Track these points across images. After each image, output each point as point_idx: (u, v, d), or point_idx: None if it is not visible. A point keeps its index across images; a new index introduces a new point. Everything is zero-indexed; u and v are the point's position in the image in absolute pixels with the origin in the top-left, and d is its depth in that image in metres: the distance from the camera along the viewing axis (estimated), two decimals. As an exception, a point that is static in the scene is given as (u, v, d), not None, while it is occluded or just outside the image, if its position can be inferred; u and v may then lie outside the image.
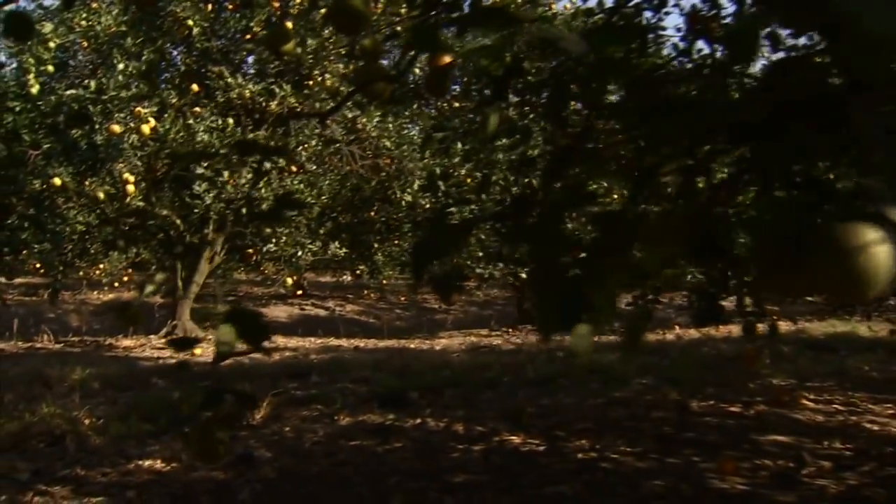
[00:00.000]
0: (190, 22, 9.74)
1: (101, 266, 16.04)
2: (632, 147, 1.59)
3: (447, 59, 2.09)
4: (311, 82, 10.25)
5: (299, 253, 11.67)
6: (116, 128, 8.90)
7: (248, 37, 10.09)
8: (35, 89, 9.56)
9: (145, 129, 8.89)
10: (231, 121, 9.49)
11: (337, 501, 4.17)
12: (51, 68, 9.84)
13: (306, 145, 10.67)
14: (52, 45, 9.77)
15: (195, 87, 9.81)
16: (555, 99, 1.96)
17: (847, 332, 11.04)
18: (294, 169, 10.77)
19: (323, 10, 9.06)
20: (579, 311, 1.38)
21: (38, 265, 12.29)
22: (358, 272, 15.22)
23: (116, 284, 18.72)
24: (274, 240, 11.83)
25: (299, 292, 18.45)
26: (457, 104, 10.59)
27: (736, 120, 1.29)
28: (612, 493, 4.26)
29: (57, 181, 9.16)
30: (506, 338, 12.92)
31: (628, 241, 1.54)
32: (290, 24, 8.39)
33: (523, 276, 13.70)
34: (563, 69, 1.96)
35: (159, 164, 9.65)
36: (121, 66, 9.18)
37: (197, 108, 9.65)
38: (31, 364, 8.08)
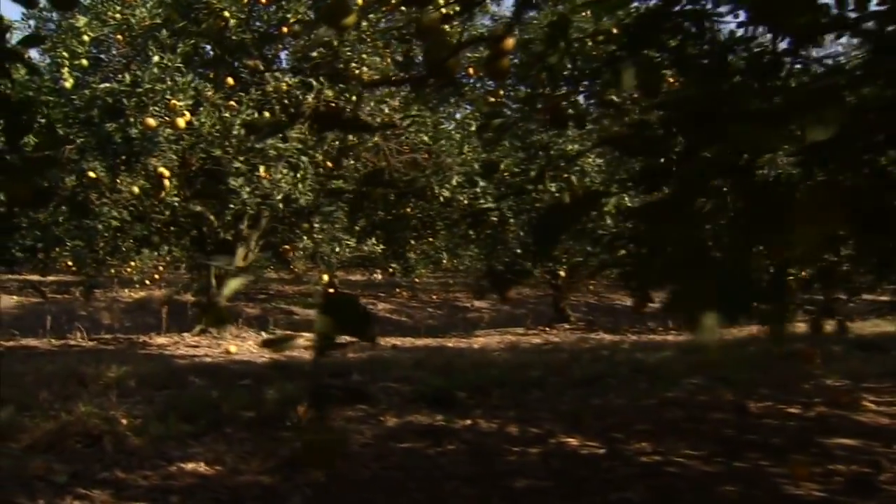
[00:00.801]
0: (226, 13, 9.57)
1: (133, 263, 15.96)
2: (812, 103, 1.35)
3: (511, 41, 2.13)
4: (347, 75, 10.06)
5: (336, 249, 11.50)
6: (151, 121, 8.73)
7: (286, 29, 9.89)
8: (69, 84, 9.44)
9: (180, 122, 8.72)
10: (267, 114, 9.32)
11: (392, 508, 3.97)
12: (85, 62, 9.72)
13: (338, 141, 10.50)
14: (85, 38, 9.64)
15: (230, 80, 9.66)
16: (712, 50, 1.74)
17: (895, 332, 10.83)
18: (330, 165, 10.59)
19: (360, 1, 8.85)
20: (748, 297, 1.15)
21: (70, 263, 12.18)
22: (391, 270, 15.04)
23: (148, 282, 18.69)
24: (306, 237, 11.68)
25: (331, 290, 18.27)
26: (492, 99, 10.37)
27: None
28: (681, 500, 4.06)
29: (91, 174, 9.02)
30: (544, 336, 12.74)
31: (782, 217, 1.31)
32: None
33: (562, 273, 13.48)
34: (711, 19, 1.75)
35: (194, 159, 9.49)
36: (156, 58, 9.01)
37: (232, 103, 9.49)
38: (65, 362, 7.95)
